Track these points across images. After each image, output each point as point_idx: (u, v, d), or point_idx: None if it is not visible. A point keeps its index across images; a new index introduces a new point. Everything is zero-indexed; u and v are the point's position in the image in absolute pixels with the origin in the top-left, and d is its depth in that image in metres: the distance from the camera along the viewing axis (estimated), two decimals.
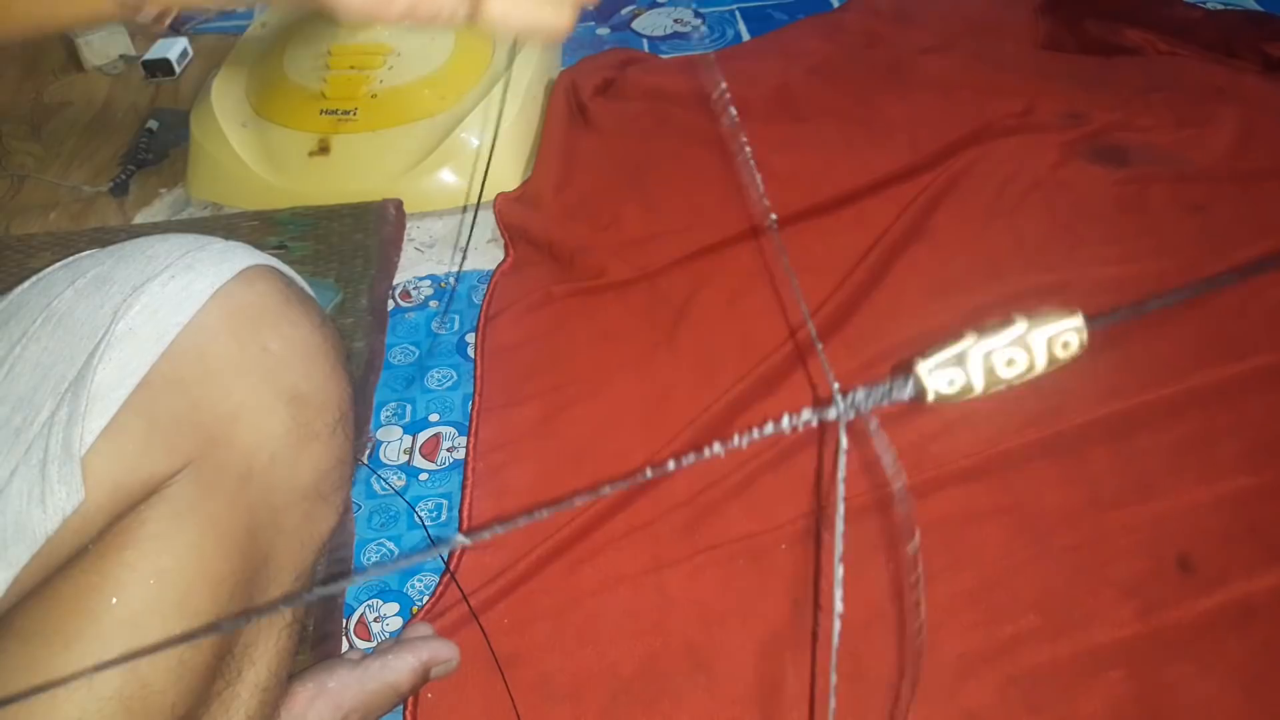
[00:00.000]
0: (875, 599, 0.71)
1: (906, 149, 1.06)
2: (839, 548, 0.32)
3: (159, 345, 0.45)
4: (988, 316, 0.96)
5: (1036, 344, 0.29)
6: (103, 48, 1.35)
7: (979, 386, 0.29)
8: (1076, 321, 0.29)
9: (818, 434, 0.81)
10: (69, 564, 0.44)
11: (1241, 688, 0.65)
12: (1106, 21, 1.23)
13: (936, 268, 0.94)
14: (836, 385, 0.30)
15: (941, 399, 0.29)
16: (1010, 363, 0.29)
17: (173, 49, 1.33)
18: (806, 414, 0.30)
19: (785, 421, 0.30)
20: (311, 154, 1.08)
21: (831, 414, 0.30)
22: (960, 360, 0.28)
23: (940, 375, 0.29)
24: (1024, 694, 0.66)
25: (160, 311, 0.46)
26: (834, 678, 0.57)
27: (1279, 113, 1.07)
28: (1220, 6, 1.29)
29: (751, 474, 0.79)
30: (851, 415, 0.30)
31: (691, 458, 0.29)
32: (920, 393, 0.29)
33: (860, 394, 0.29)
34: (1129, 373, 0.83)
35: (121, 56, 1.36)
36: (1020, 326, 0.29)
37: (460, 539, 0.29)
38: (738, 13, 1.39)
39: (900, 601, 0.71)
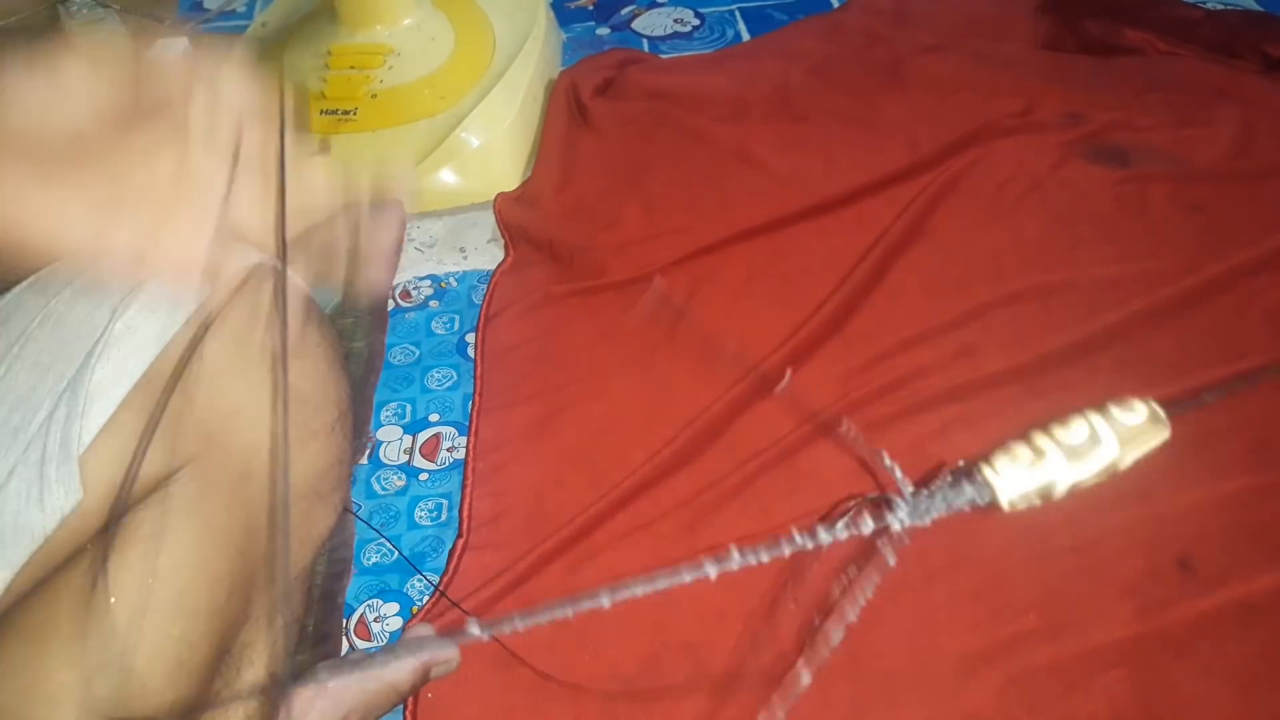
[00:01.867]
0: (874, 600, 0.71)
1: (906, 149, 1.06)
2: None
3: (157, 344, 0.45)
4: (988, 316, 0.95)
5: (1125, 464, 0.28)
6: None
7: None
8: (1165, 435, 0.28)
9: (818, 432, 0.81)
10: (67, 563, 0.44)
11: (1241, 688, 0.65)
12: (1106, 21, 1.23)
13: (936, 268, 0.94)
14: (910, 490, 0.29)
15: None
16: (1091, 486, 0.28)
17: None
18: (868, 523, 0.28)
19: (840, 527, 0.29)
20: (311, 154, 1.08)
21: (894, 523, 0.28)
22: (1046, 492, 0.27)
23: (1022, 502, 0.27)
24: (1024, 694, 0.66)
25: (158, 311, 0.46)
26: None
27: (1279, 113, 1.07)
28: (1220, 6, 1.29)
29: (751, 474, 0.79)
30: (911, 523, 0.28)
31: (739, 559, 0.28)
32: (993, 504, 0.28)
33: (925, 499, 0.28)
34: (1128, 373, 0.83)
35: None
36: (1110, 449, 0.27)
37: (475, 631, 0.28)
38: (738, 13, 1.39)
39: (900, 601, 0.71)
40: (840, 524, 0.28)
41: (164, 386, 0.45)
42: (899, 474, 0.28)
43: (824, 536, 0.28)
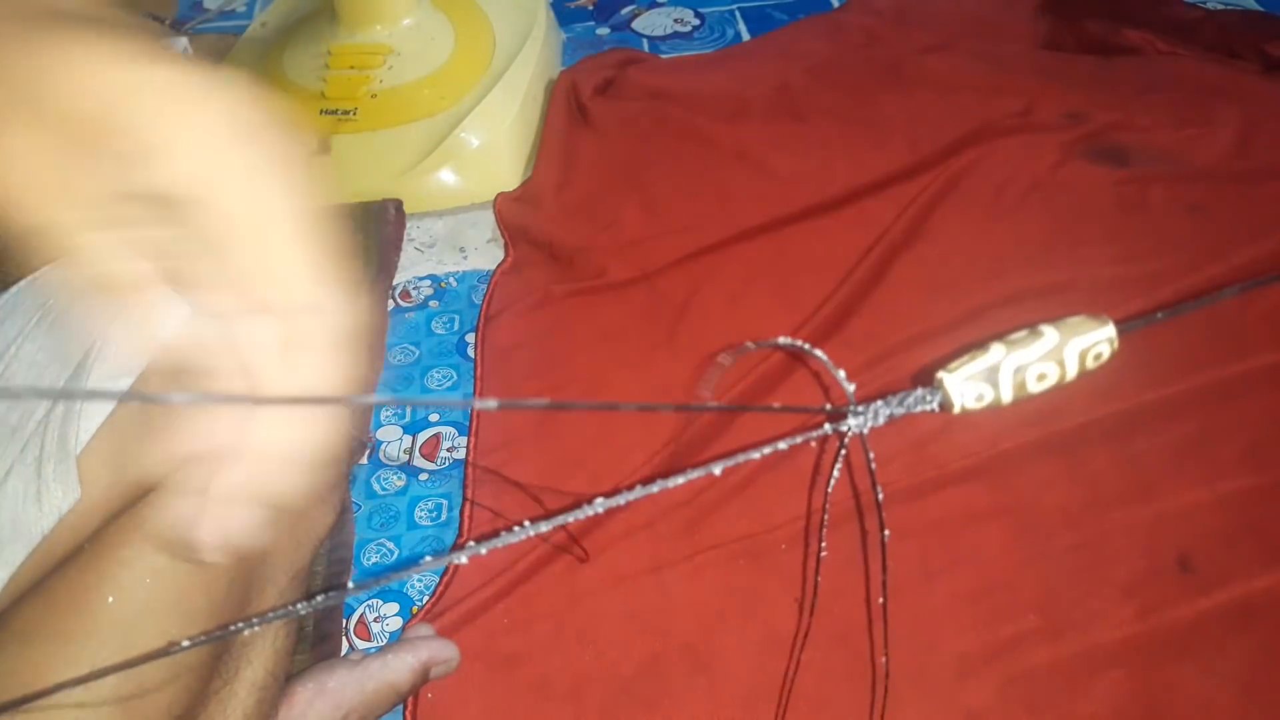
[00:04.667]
0: (874, 600, 0.71)
1: (906, 149, 1.06)
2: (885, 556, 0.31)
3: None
4: (988, 316, 0.96)
5: (1069, 357, 0.28)
6: None
7: (1007, 400, 0.28)
8: (1109, 331, 0.28)
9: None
10: (65, 563, 0.43)
11: (1241, 688, 0.65)
12: (1106, 21, 1.23)
13: (936, 268, 0.94)
14: (852, 389, 0.29)
15: (966, 412, 0.28)
16: (1041, 377, 0.28)
17: (173, 49, 1.32)
18: (825, 427, 0.29)
19: (800, 438, 0.29)
20: (311, 154, 1.08)
21: (849, 425, 0.28)
22: (991, 376, 0.27)
23: (969, 390, 0.27)
24: (1024, 694, 0.66)
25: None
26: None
27: (1279, 113, 1.07)
28: (1220, 6, 1.29)
29: (751, 474, 0.79)
30: (869, 427, 0.29)
31: (699, 472, 0.29)
32: (946, 406, 0.28)
33: (879, 404, 0.28)
34: (1128, 372, 0.82)
35: None
36: (1051, 338, 0.28)
37: (425, 560, 0.28)
38: (738, 13, 1.39)
39: (900, 601, 0.71)
40: (801, 437, 0.28)
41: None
42: (849, 386, 0.28)
43: (783, 445, 0.28)
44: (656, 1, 1.43)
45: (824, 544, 0.72)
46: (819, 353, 0.29)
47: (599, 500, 0.28)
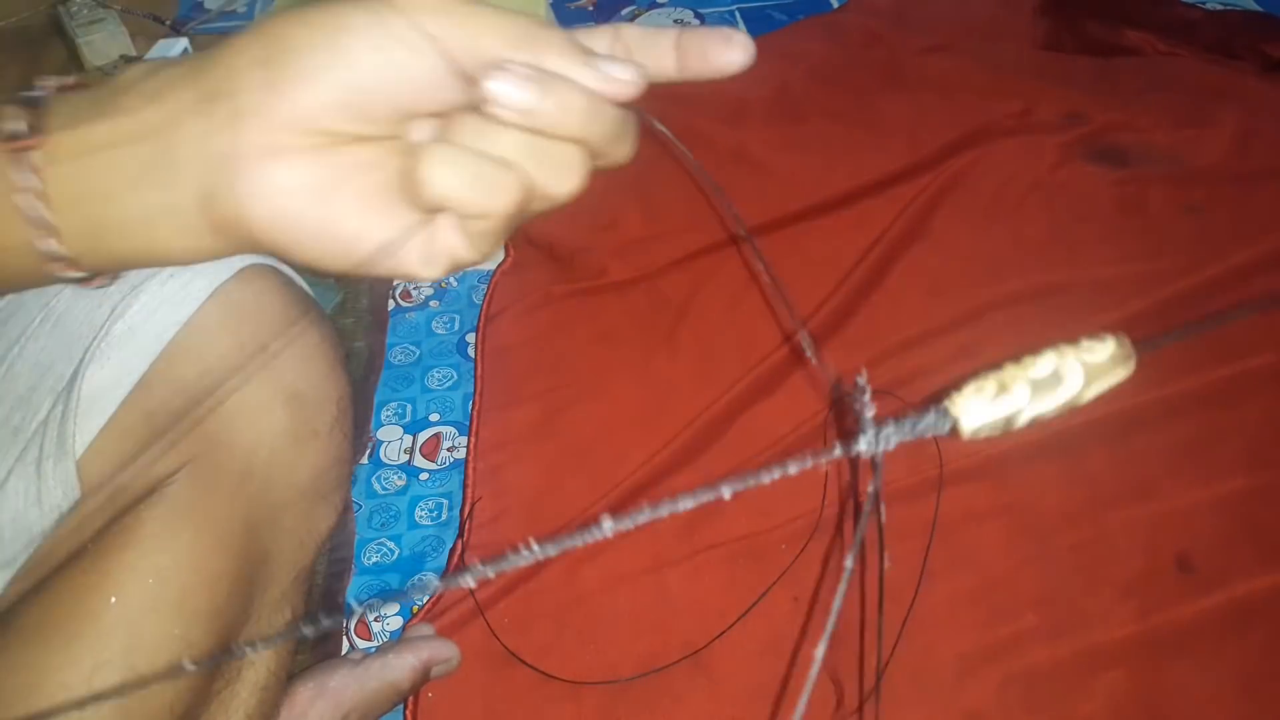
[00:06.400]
0: (874, 598, 0.71)
1: (906, 150, 1.06)
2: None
3: (158, 344, 0.45)
4: (987, 316, 0.95)
5: (1085, 399, 0.28)
6: (104, 48, 1.35)
7: (1017, 427, 0.28)
8: (1123, 376, 0.29)
9: (821, 436, 0.81)
10: (68, 563, 0.44)
11: (1241, 688, 0.65)
12: (1106, 22, 1.23)
13: (936, 268, 0.94)
14: (871, 413, 0.29)
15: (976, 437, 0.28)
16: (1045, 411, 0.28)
17: (173, 49, 1.32)
18: (837, 450, 0.29)
19: (809, 460, 0.29)
20: None
21: (862, 448, 0.29)
22: (1008, 423, 0.28)
23: (982, 430, 0.28)
24: (1024, 694, 0.66)
25: (159, 310, 0.46)
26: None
27: (1278, 113, 1.07)
28: (1220, 7, 1.29)
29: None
30: (881, 450, 0.29)
31: (709, 495, 0.29)
32: (956, 432, 0.28)
33: (890, 428, 0.29)
34: None
35: (122, 57, 1.36)
36: (1074, 384, 0.28)
37: (433, 580, 0.28)
38: (737, 13, 1.39)
39: (900, 601, 0.71)
40: (809, 458, 0.28)
41: (164, 386, 0.45)
42: (867, 403, 0.28)
43: (793, 468, 0.28)
44: (656, 2, 1.43)
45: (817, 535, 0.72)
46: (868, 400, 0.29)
47: (606, 523, 0.28)
